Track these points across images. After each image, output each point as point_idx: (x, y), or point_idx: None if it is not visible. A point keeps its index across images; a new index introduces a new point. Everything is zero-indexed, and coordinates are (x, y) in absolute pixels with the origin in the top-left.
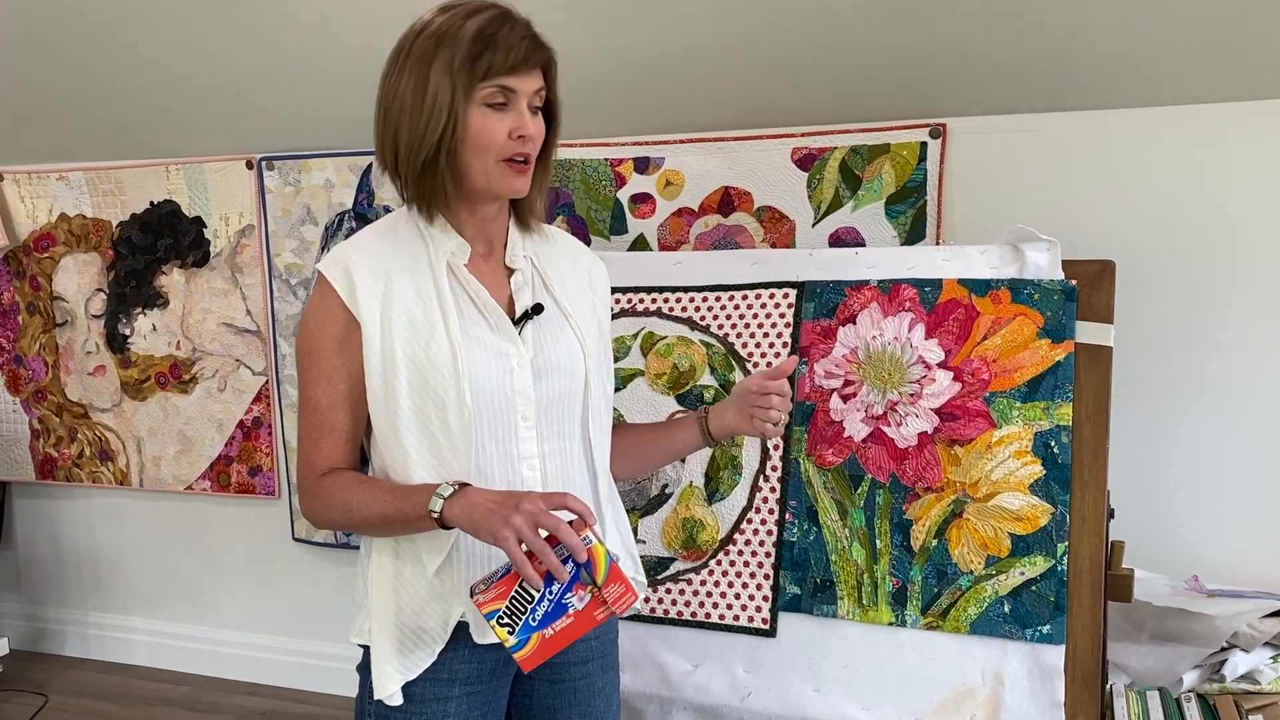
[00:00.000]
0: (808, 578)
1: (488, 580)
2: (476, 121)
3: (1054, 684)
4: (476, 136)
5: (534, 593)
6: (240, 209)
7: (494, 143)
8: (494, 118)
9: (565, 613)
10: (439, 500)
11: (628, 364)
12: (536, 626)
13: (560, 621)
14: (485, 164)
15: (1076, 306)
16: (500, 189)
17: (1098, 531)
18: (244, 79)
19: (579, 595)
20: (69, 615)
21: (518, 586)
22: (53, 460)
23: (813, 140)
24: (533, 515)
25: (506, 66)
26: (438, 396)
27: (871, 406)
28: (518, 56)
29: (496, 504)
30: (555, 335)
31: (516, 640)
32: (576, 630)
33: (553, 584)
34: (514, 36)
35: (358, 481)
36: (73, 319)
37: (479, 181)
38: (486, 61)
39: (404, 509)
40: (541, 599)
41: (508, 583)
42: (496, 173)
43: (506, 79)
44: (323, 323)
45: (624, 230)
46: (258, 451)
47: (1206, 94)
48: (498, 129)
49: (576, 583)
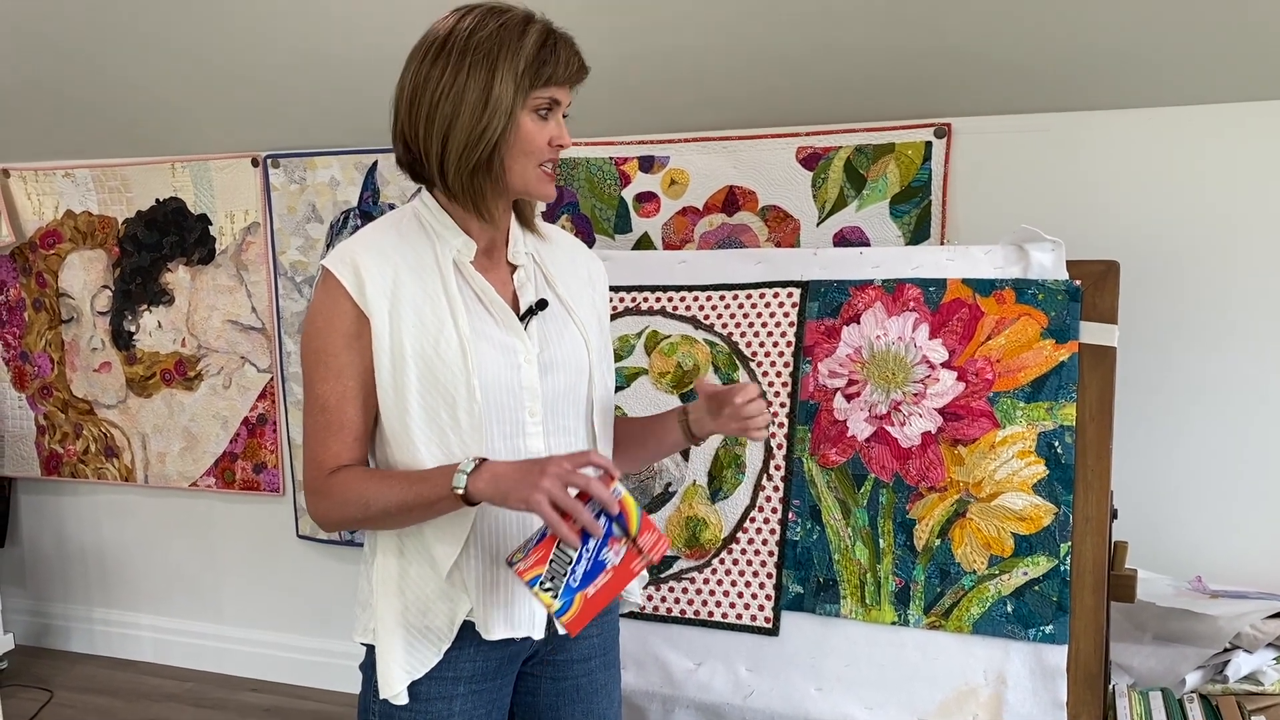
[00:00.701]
0: (810, 577)
1: (524, 548)
2: (527, 127)
3: (1056, 684)
4: (525, 142)
5: (571, 554)
6: (246, 206)
7: (538, 149)
8: (540, 125)
9: (604, 569)
10: (463, 476)
11: (632, 363)
12: (578, 587)
13: (600, 579)
14: (525, 167)
15: (1081, 307)
16: (536, 192)
17: (1101, 532)
18: (250, 77)
19: (614, 550)
20: (74, 611)
21: (555, 550)
22: (58, 456)
23: (817, 140)
24: (561, 476)
25: (562, 78)
26: (448, 393)
27: (875, 406)
28: (573, 69)
29: (524, 471)
30: (560, 330)
31: (561, 604)
32: (616, 585)
33: (588, 541)
34: (570, 51)
35: (370, 474)
36: (78, 315)
37: (517, 183)
38: (549, 71)
39: (424, 492)
40: (579, 559)
41: (544, 547)
42: (534, 177)
43: (558, 90)
44: (331, 319)
45: (628, 229)
46: (262, 448)
47: (1211, 94)
48: (542, 136)
49: (610, 538)
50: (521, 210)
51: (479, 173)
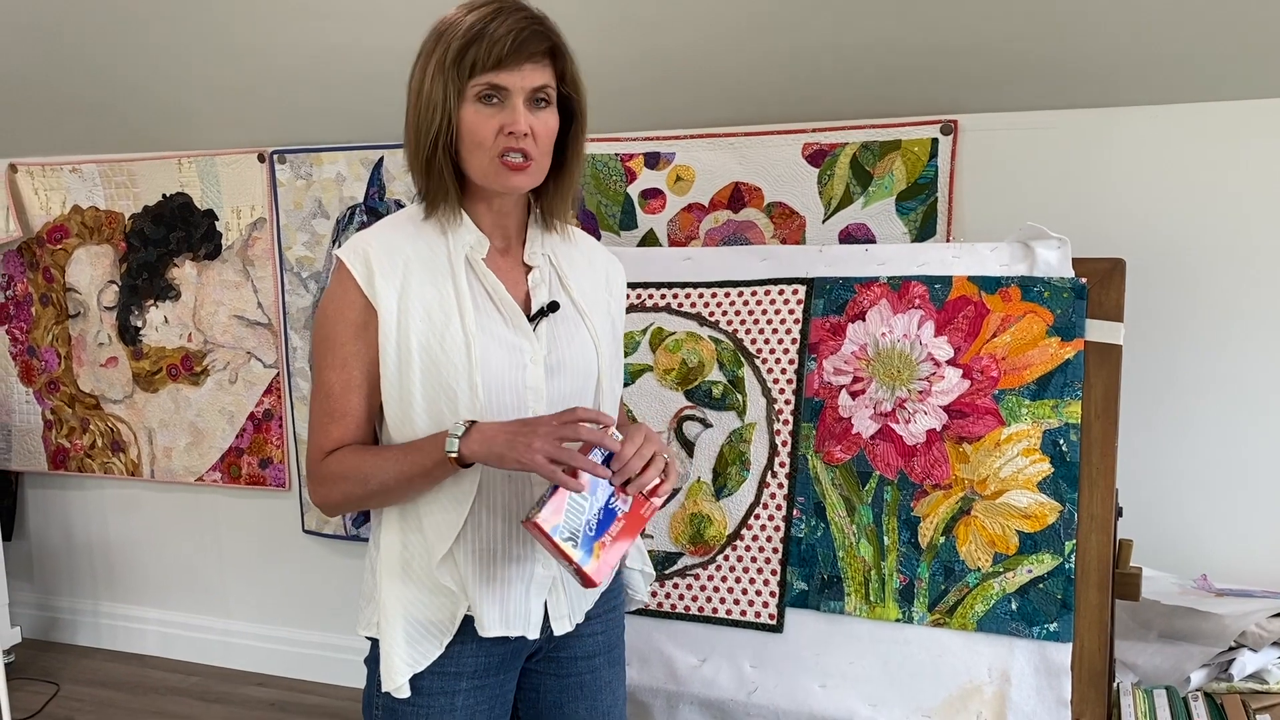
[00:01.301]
0: (815, 574)
1: (539, 504)
2: (468, 118)
3: (1060, 682)
4: (469, 134)
5: (583, 504)
6: (252, 202)
7: (486, 140)
8: (485, 114)
9: (615, 517)
10: (454, 440)
11: (636, 359)
12: (594, 536)
13: (613, 527)
14: (481, 162)
15: (1086, 304)
16: (496, 186)
17: (1106, 530)
18: (256, 73)
19: (621, 499)
20: (80, 605)
21: (567, 505)
22: (65, 451)
23: (824, 136)
24: (553, 432)
25: (490, 63)
26: (450, 388)
27: (880, 403)
28: (501, 52)
29: (514, 431)
30: (570, 334)
31: (582, 553)
32: (630, 532)
33: (596, 491)
34: (500, 30)
35: (363, 450)
36: (85, 310)
37: (476, 177)
38: (471, 58)
39: (419, 460)
40: (590, 507)
41: (558, 499)
42: (491, 170)
43: (493, 76)
44: (340, 309)
45: (634, 225)
46: (268, 444)
47: (1219, 92)
48: (488, 126)
49: (615, 488)
50: (542, 210)
51: (431, 171)
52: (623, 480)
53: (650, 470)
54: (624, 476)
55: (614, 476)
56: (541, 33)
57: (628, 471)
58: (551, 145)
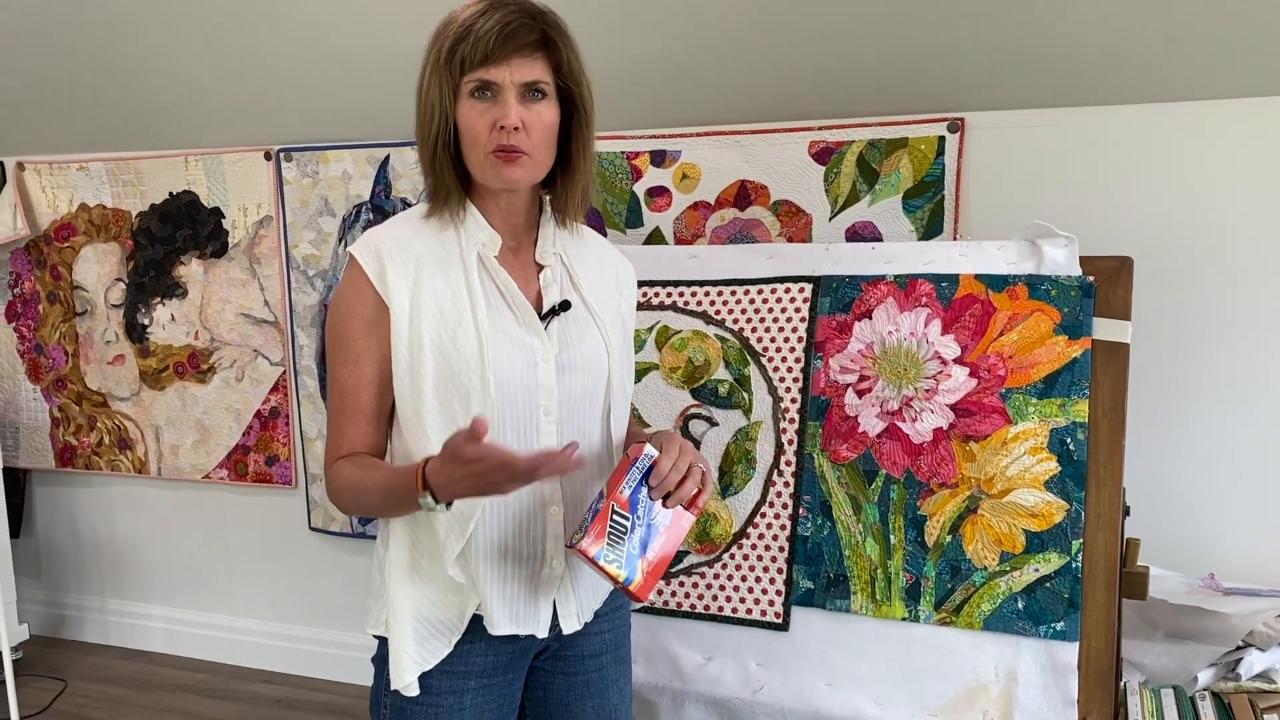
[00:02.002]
0: (821, 572)
1: (581, 527)
2: (464, 115)
3: (1067, 681)
4: (465, 130)
5: (625, 523)
6: (258, 200)
7: (480, 136)
8: (478, 110)
9: (658, 532)
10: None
11: (643, 358)
12: (639, 554)
13: (656, 542)
14: (477, 157)
15: (1094, 303)
16: (492, 181)
17: (1113, 529)
18: (262, 70)
19: (662, 514)
20: (88, 602)
21: (610, 520)
22: (72, 448)
23: (830, 134)
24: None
25: (478, 59)
26: (462, 386)
27: (886, 402)
28: (488, 47)
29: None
30: (581, 333)
31: (626, 573)
32: (673, 545)
33: (637, 509)
34: (487, 25)
35: (359, 467)
36: (92, 308)
37: (476, 175)
38: (461, 54)
39: (400, 501)
40: (633, 528)
41: (600, 522)
42: (487, 165)
43: (482, 71)
44: (353, 305)
45: (640, 224)
46: (275, 441)
47: (1226, 89)
48: (481, 121)
49: (655, 502)
50: (553, 204)
51: (436, 170)
52: (662, 494)
53: (689, 482)
54: (663, 491)
55: (653, 492)
56: (530, 25)
57: (666, 486)
58: (549, 139)
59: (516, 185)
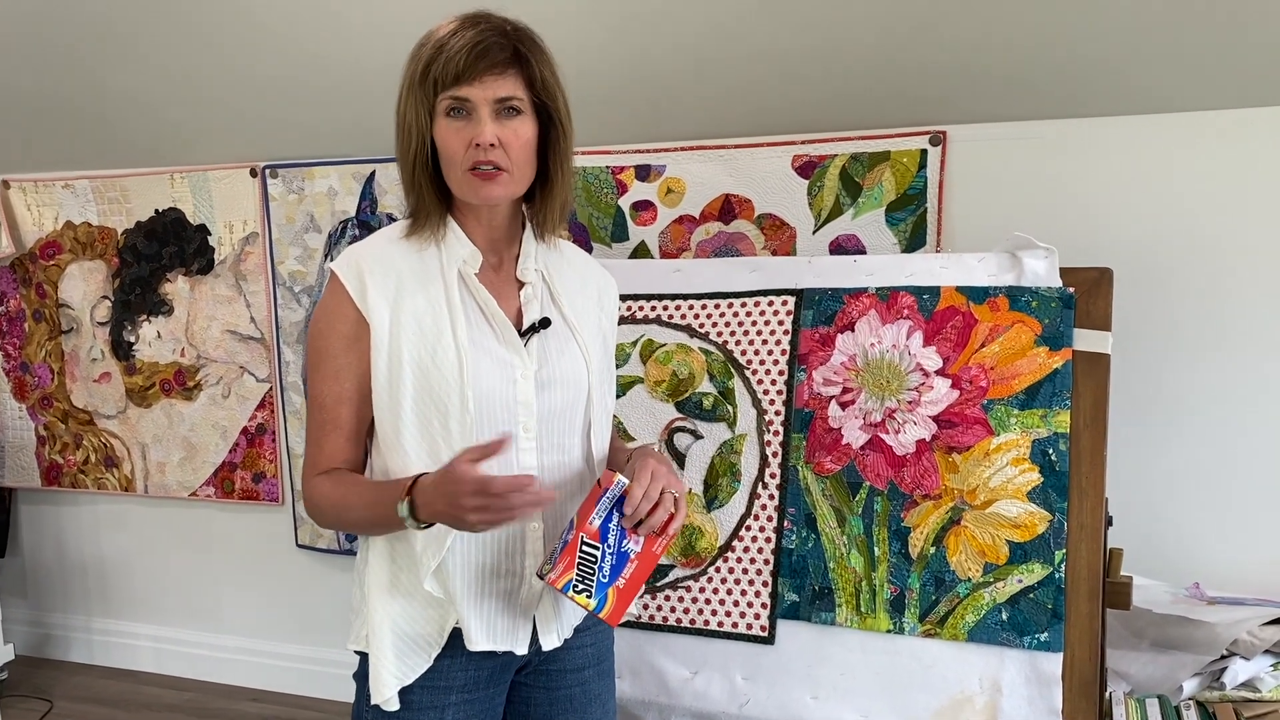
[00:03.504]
0: (806, 585)
1: (550, 558)
2: (440, 134)
3: (1052, 692)
4: (442, 149)
5: (595, 552)
6: (244, 217)
7: (456, 154)
8: (453, 129)
9: (628, 559)
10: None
11: (627, 371)
12: (609, 582)
13: (627, 569)
14: (455, 175)
15: (1074, 314)
16: (471, 199)
17: (1096, 539)
18: (248, 87)
19: (634, 540)
20: (74, 621)
21: (579, 552)
22: (58, 467)
23: (813, 148)
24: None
25: (450, 78)
26: (441, 402)
27: (870, 414)
28: (459, 67)
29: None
30: (560, 349)
31: (596, 601)
32: (644, 571)
33: (608, 538)
34: (459, 44)
35: (341, 483)
36: (78, 326)
37: (456, 192)
38: (434, 74)
39: (384, 515)
40: (603, 556)
41: (569, 552)
42: (465, 183)
43: (455, 90)
44: (333, 321)
45: (625, 238)
46: (261, 458)
47: (1204, 101)
48: (456, 140)
49: (627, 530)
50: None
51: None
52: (634, 523)
53: (659, 510)
54: (634, 519)
55: (625, 520)
56: (501, 43)
57: (638, 515)
58: (528, 154)
59: (495, 202)
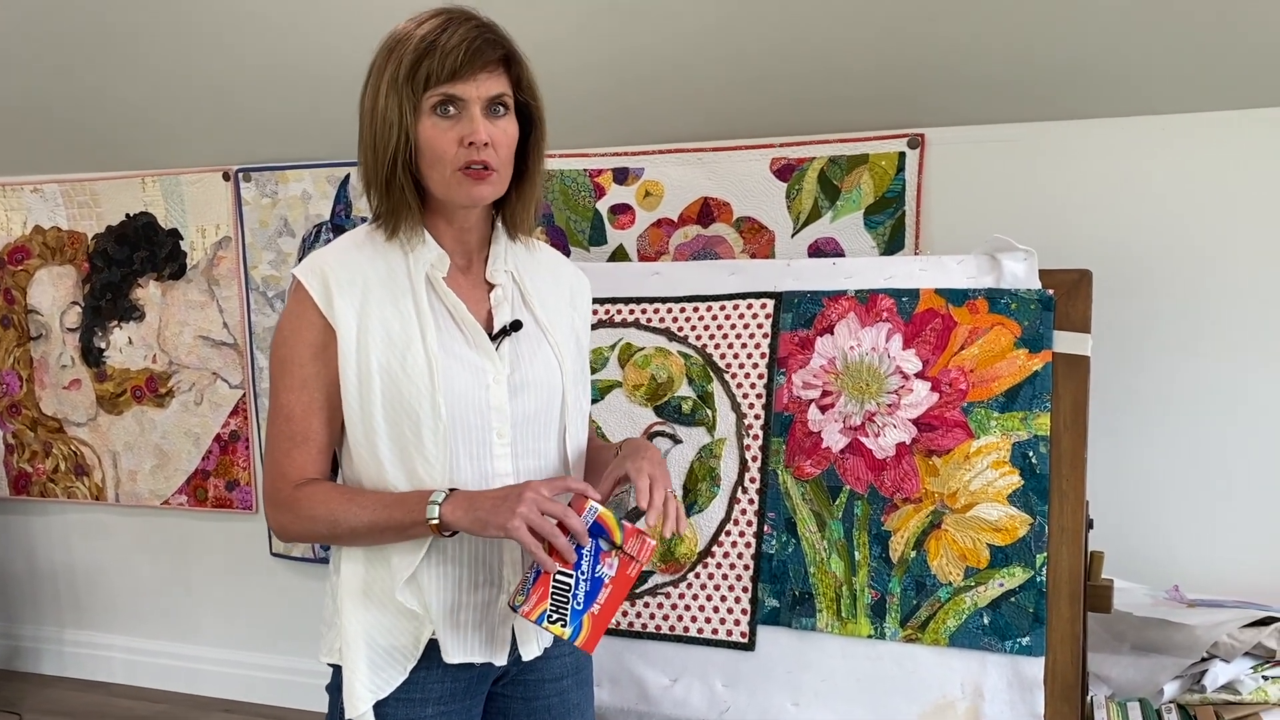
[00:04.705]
0: (786, 590)
1: (523, 590)
2: (426, 132)
3: (1034, 696)
4: (428, 148)
5: (569, 580)
6: (217, 221)
7: (446, 153)
8: (443, 127)
9: (602, 585)
10: (434, 507)
11: (605, 375)
12: (583, 609)
13: (601, 595)
14: (442, 175)
15: (1054, 316)
16: (461, 199)
17: (1076, 542)
18: (220, 90)
19: (607, 564)
20: (45, 633)
21: (553, 582)
22: (27, 476)
23: (791, 151)
24: (537, 502)
25: (445, 74)
26: (412, 410)
27: (849, 417)
28: (455, 62)
29: (500, 499)
30: (533, 352)
31: (571, 629)
32: (619, 596)
33: (581, 564)
34: (452, 41)
35: (340, 492)
36: (47, 332)
37: (440, 193)
38: (425, 70)
39: (397, 516)
40: (577, 582)
41: (542, 584)
42: (454, 183)
43: (448, 87)
44: (298, 329)
45: (603, 241)
46: (235, 466)
47: (1180, 104)
48: (447, 139)
49: (601, 553)
50: (505, 219)
51: (392, 190)
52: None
53: (668, 520)
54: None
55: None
56: (494, 40)
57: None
58: (512, 154)
59: (483, 202)
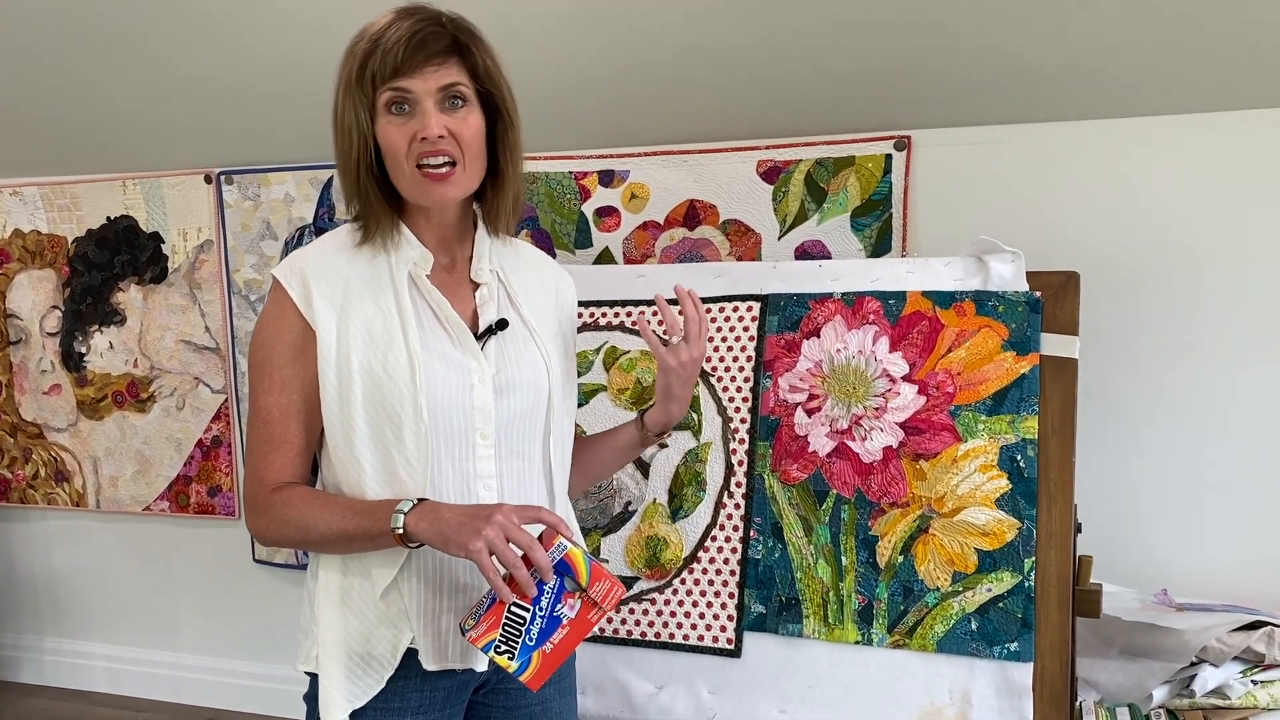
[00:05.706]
0: (773, 596)
1: (475, 614)
2: (382, 133)
3: (1022, 702)
4: (387, 148)
5: (524, 614)
6: (199, 224)
7: (399, 150)
8: (395, 124)
9: (559, 625)
10: (400, 516)
11: (590, 379)
12: (534, 645)
13: (557, 634)
14: (403, 175)
15: (1041, 318)
16: (423, 199)
17: (1065, 546)
18: (202, 92)
19: (569, 604)
20: (25, 641)
21: (508, 611)
22: (6, 482)
23: (778, 153)
24: (504, 528)
25: (388, 71)
26: (394, 411)
27: (836, 421)
28: (398, 59)
29: (468, 516)
30: (519, 352)
31: (518, 664)
32: (575, 638)
33: (541, 599)
34: (394, 36)
35: (313, 497)
36: (27, 337)
37: (405, 193)
38: (371, 69)
39: (365, 524)
40: (534, 618)
41: (495, 612)
42: (415, 183)
43: (393, 83)
44: (277, 330)
45: (589, 244)
46: (217, 471)
47: (1167, 106)
48: (399, 137)
49: (564, 592)
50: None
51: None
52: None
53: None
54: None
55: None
56: (439, 32)
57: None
58: (479, 147)
59: (449, 201)
